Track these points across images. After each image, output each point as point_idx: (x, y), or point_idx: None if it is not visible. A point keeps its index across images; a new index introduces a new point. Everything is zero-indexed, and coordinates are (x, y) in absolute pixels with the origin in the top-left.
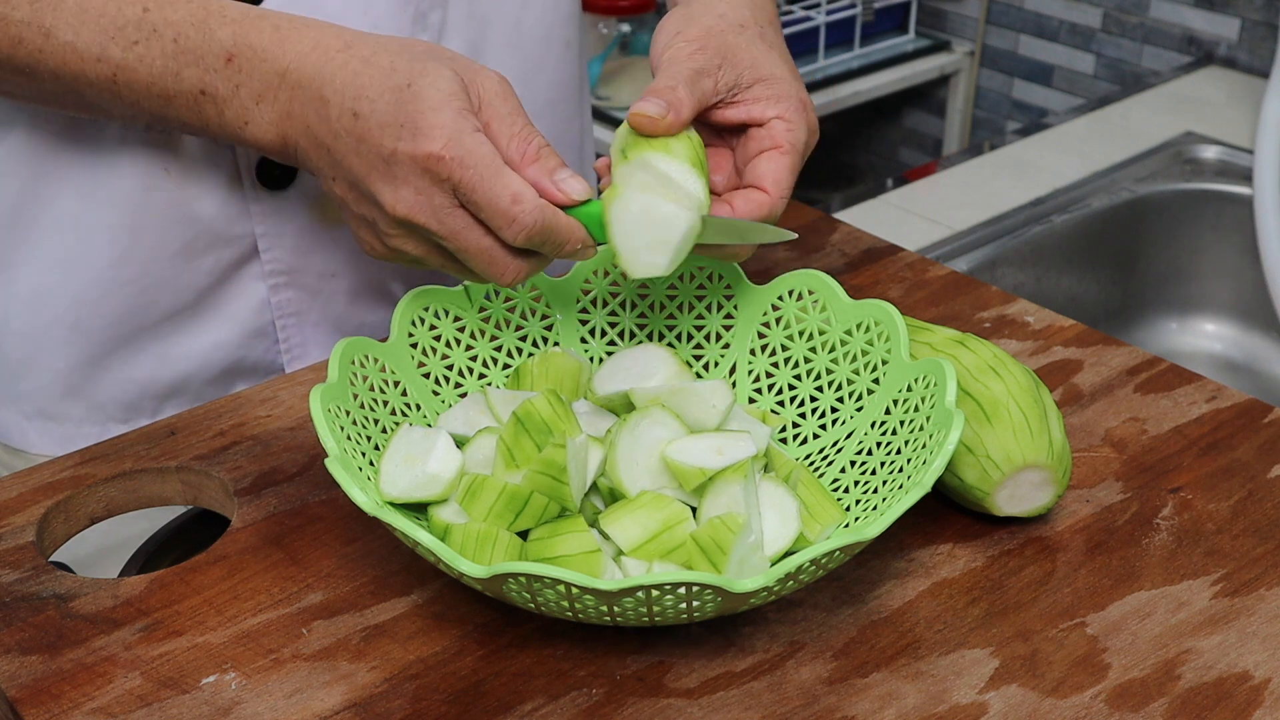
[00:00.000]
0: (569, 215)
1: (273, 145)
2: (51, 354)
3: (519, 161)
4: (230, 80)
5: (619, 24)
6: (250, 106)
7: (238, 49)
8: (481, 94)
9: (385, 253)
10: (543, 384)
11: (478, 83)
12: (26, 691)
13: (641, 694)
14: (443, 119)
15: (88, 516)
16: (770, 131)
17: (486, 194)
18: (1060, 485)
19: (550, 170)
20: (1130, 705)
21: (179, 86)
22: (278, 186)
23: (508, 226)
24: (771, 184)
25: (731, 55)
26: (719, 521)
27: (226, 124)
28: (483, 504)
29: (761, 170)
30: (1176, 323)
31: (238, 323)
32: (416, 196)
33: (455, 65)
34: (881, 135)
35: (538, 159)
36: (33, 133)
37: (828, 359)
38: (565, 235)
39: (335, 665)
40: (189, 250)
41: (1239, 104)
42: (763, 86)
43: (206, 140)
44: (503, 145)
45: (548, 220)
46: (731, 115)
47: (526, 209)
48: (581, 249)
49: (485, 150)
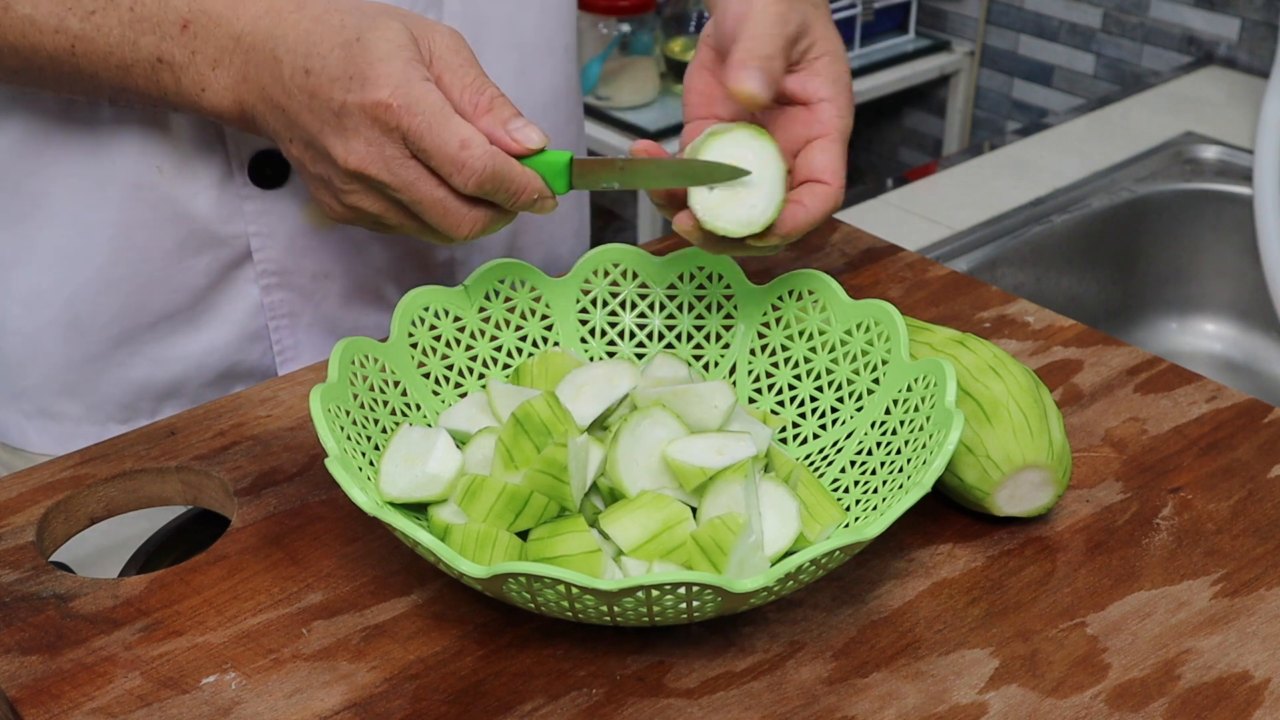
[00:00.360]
0: (525, 165)
1: (230, 111)
2: (49, 353)
3: (472, 112)
4: (186, 47)
5: (619, 24)
6: (206, 72)
7: (193, 15)
8: (433, 47)
9: (344, 212)
10: (543, 384)
11: (429, 36)
12: (26, 691)
13: (641, 694)
14: (391, 68)
15: (88, 516)
16: (819, 116)
17: (435, 140)
18: (1060, 485)
19: (504, 119)
20: (1130, 705)
21: (136, 55)
22: (269, 185)
23: (457, 173)
24: (831, 174)
25: (808, 24)
26: (719, 521)
27: (184, 91)
28: (482, 504)
29: (819, 162)
30: (1176, 323)
31: (232, 326)
32: (368, 148)
33: (406, 19)
34: (881, 135)
35: (491, 108)
36: (28, 131)
37: (828, 359)
38: (519, 183)
39: (335, 665)
40: (183, 250)
41: (1239, 104)
42: (825, 62)
43: (199, 137)
44: (455, 96)
45: (499, 166)
46: (790, 85)
47: (475, 154)
48: (539, 200)
49: (434, 97)
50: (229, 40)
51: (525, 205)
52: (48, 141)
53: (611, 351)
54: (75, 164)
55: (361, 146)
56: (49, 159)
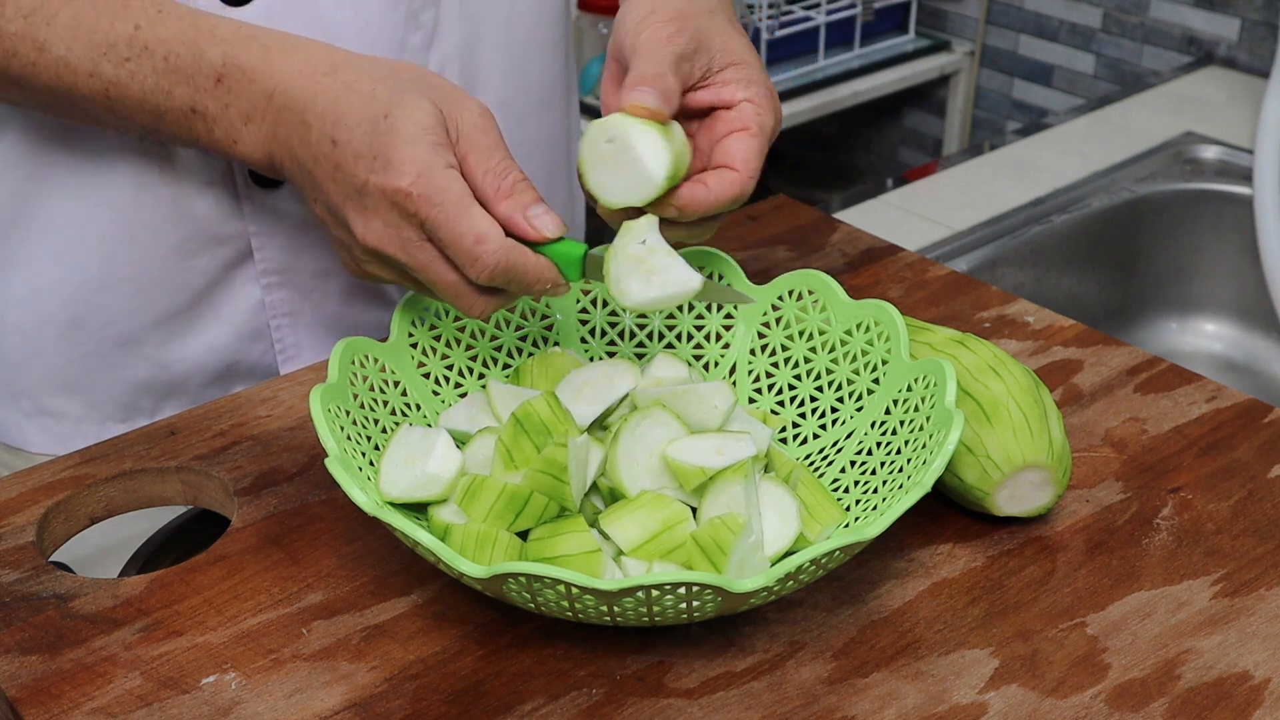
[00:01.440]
0: (541, 252)
1: (262, 163)
2: (49, 352)
3: (493, 196)
4: (219, 100)
5: None
6: (239, 126)
7: (227, 70)
8: (461, 126)
9: (360, 273)
10: (543, 384)
11: (457, 114)
12: (26, 691)
13: (641, 694)
14: (415, 153)
15: (88, 516)
16: (740, 114)
17: (451, 233)
18: (1060, 485)
19: (524, 206)
20: (1130, 705)
21: (170, 104)
22: (269, 184)
23: (471, 265)
24: (741, 163)
25: (706, 39)
26: (719, 521)
27: (216, 141)
28: (482, 504)
29: (731, 150)
30: (1176, 323)
31: (233, 326)
32: (386, 229)
33: (437, 95)
34: (881, 135)
35: (512, 193)
36: (28, 132)
37: (828, 359)
38: (533, 275)
39: (335, 665)
40: (184, 249)
41: (1239, 104)
42: (734, 70)
43: None
44: (478, 179)
45: (512, 261)
46: (702, 98)
47: (490, 249)
48: (552, 288)
49: (455, 188)
50: (261, 97)
51: (539, 294)
52: (50, 141)
53: (611, 351)
54: (77, 164)
55: (380, 227)
56: (52, 158)
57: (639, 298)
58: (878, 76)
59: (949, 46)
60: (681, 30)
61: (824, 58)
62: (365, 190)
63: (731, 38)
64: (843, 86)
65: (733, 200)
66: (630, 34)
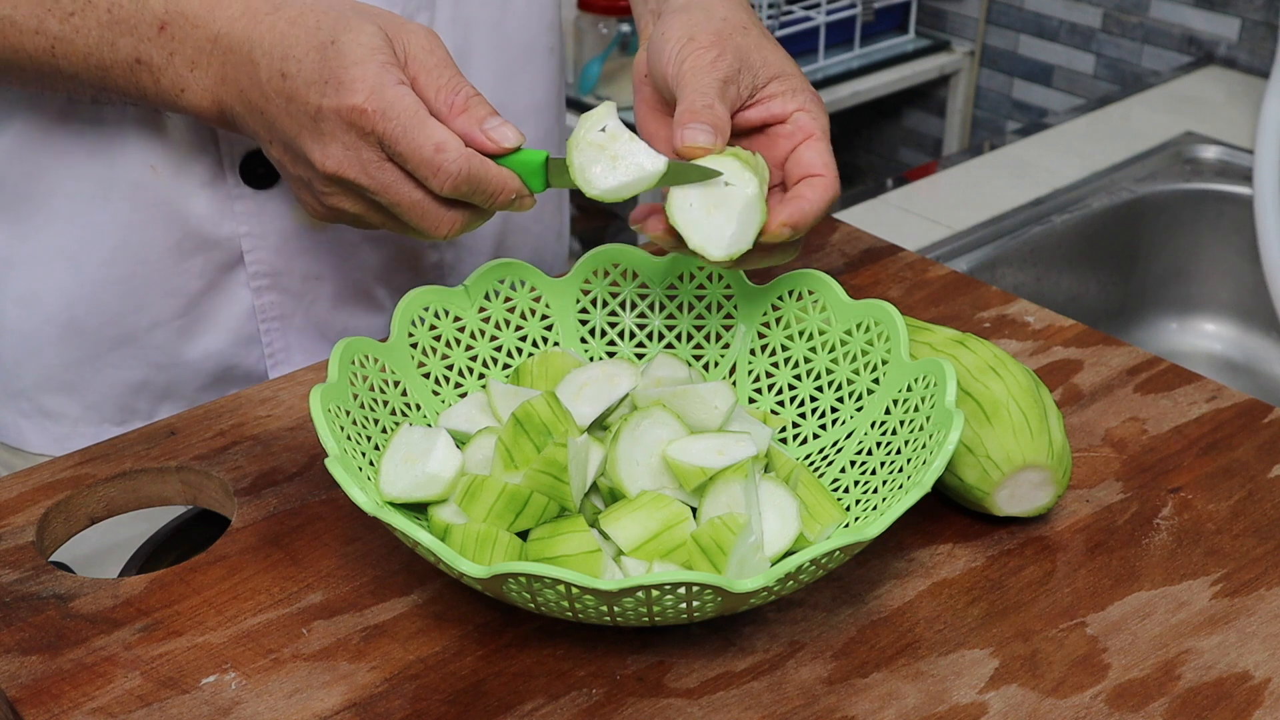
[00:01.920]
0: (502, 165)
1: (209, 111)
2: (47, 352)
3: (447, 113)
4: (164, 48)
5: (619, 24)
6: (185, 74)
7: (170, 17)
8: (408, 48)
9: (324, 212)
10: (543, 384)
11: (404, 37)
12: (26, 691)
13: (641, 694)
14: (365, 72)
15: (88, 516)
16: (798, 124)
17: (410, 144)
18: (1060, 485)
19: (480, 119)
20: (1130, 705)
21: (115, 56)
22: (260, 185)
23: (433, 176)
24: (824, 166)
25: (746, 57)
26: (719, 521)
27: (163, 91)
28: (482, 504)
29: (808, 158)
30: (1176, 323)
31: (227, 331)
32: (345, 152)
33: (382, 20)
34: (881, 135)
35: (466, 108)
36: (26, 133)
37: (828, 359)
38: (496, 184)
39: (335, 665)
40: (178, 251)
41: (1239, 104)
42: (778, 83)
43: (192, 138)
44: (430, 97)
45: (474, 169)
46: (753, 116)
47: (450, 157)
48: (517, 199)
49: (408, 101)
50: (206, 42)
51: (503, 205)
52: (47, 142)
53: (611, 351)
54: (74, 164)
55: (338, 151)
56: (49, 160)
57: (603, 184)
58: (878, 76)
59: (949, 46)
60: (723, 54)
61: (824, 58)
62: (320, 115)
63: (770, 51)
64: (843, 86)
65: (830, 204)
66: (672, 63)
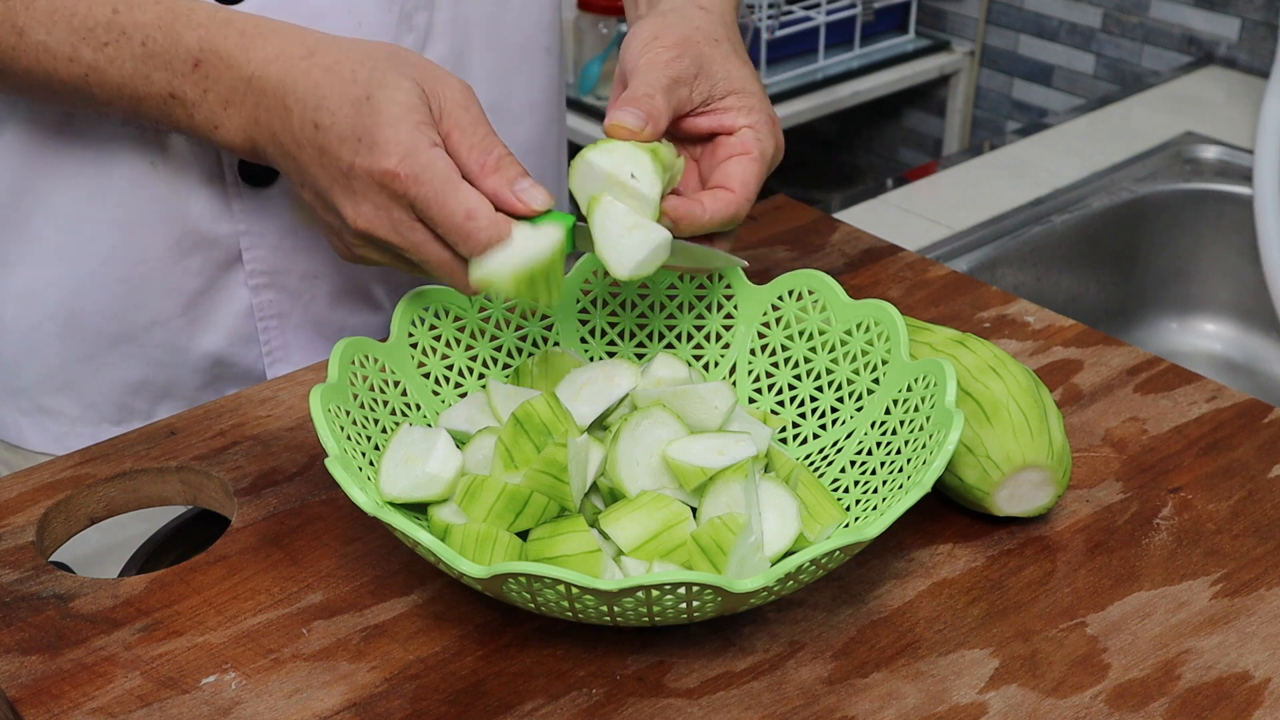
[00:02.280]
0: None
1: (243, 147)
2: (46, 350)
3: (478, 172)
4: (198, 85)
5: (619, 24)
6: (218, 111)
7: (204, 55)
8: (443, 104)
9: (353, 258)
10: (543, 384)
11: (439, 92)
12: (26, 691)
13: (641, 694)
14: (399, 134)
15: (88, 516)
16: (740, 139)
17: (441, 210)
18: (1060, 485)
19: (510, 180)
20: (1130, 705)
21: (149, 89)
22: (260, 184)
23: (463, 242)
24: (739, 184)
25: (707, 66)
26: (719, 521)
27: (197, 126)
28: (482, 504)
29: (730, 172)
30: (1176, 323)
31: (225, 330)
32: (376, 211)
33: (418, 74)
34: (881, 135)
35: (498, 169)
36: (25, 129)
37: (828, 359)
38: None
39: (335, 665)
40: (177, 249)
41: (1239, 104)
42: (736, 98)
43: (192, 139)
44: (463, 156)
45: (503, 236)
46: (703, 124)
47: (481, 224)
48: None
49: (441, 166)
50: (240, 83)
51: None
52: (47, 141)
53: (611, 351)
54: (74, 162)
55: (369, 210)
56: (49, 158)
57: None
58: (878, 76)
59: (949, 46)
60: (681, 55)
61: (824, 58)
62: (352, 173)
63: (735, 66)
64: (843, 86)
65: (727, 220)
66: (633, 57)
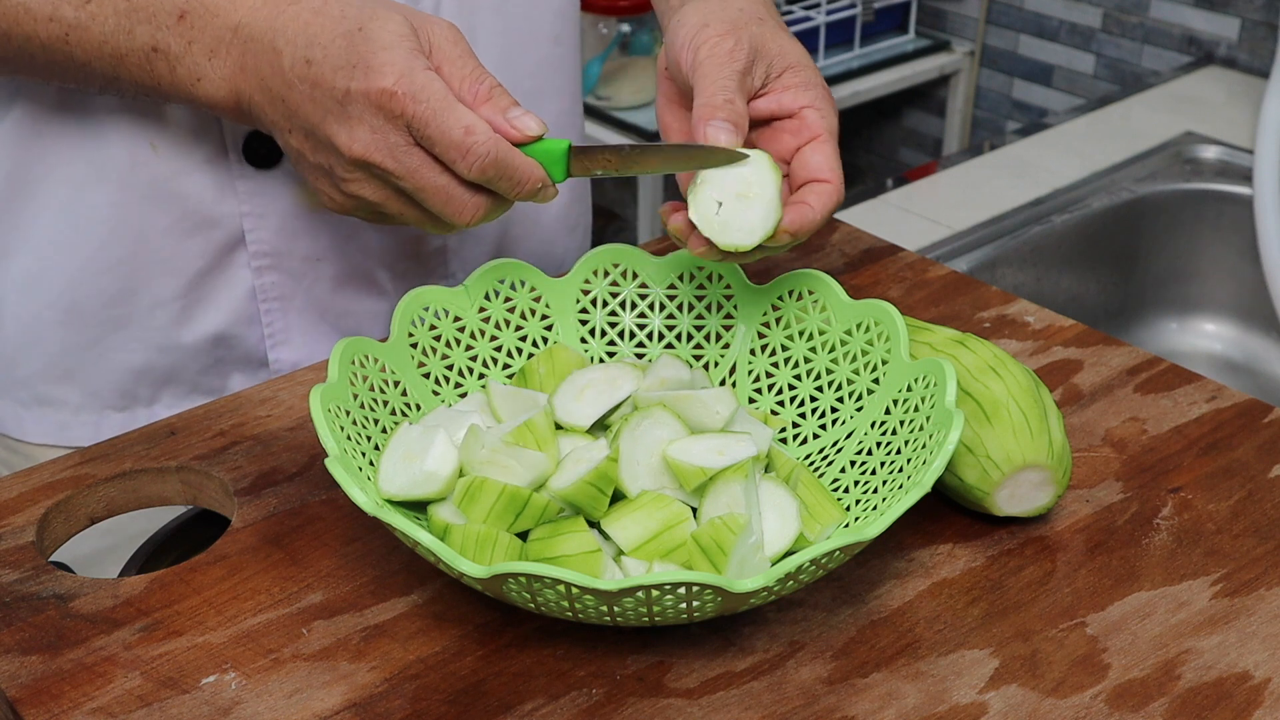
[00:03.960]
0: (525, 154)
1: (225, 101)
2: (46, 338)
3: (471, 101)
4: (183, 37)
5: (619, 24)
6: (202, 62)
7: (189, 6)
8: (432, 39)
9: (344, 200)
10: (550, 379)
11: (427, 28)
12: (26, 691)
13: (641, 694)
14: (394, 56)
15: (88, 516)
16: (805, 122)
17: (439, 127)
18: (1060, 485)
19: (503, 108)
20: (1130, 705)
21: (131, 44)
22: (263, 165)
23: (462, 158)
24: (829, 172)
25: (761, 46)
26: (719, 522)
27: (179, 81)
28: (482, 505)
29: (815, 162)
30: (1176, 323)
31: (227, 311)
32: (372, 135)
33: (406, 11)
34: (881, 135)
35: (490, 98)
36: (24, 117)
37: (828, 359)
38: (522, 171)
39: (335, 665)
40: (178, 230)
41: (1239, 104)
42: (791, 74)
43: (193, 116)
44: (455, 86)
45: (502, 153)
46: (762, 107)
47: (480, 139)
48: (541, 189)
49: (437, 86)
50: (226, 31)
51: (527, 195)
52: (45, 125)
53: (611, 351)
54: (72, 145)
55: (366, 134)
56: (46, 142)
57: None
58: (878, 76)
59: (949, 46)
60: (739, 43)
61: (824, 58)
62: (348, 99)
63: (785, 41)
64: (843, 86)
65: (834, 210)
66: (687, 49)
